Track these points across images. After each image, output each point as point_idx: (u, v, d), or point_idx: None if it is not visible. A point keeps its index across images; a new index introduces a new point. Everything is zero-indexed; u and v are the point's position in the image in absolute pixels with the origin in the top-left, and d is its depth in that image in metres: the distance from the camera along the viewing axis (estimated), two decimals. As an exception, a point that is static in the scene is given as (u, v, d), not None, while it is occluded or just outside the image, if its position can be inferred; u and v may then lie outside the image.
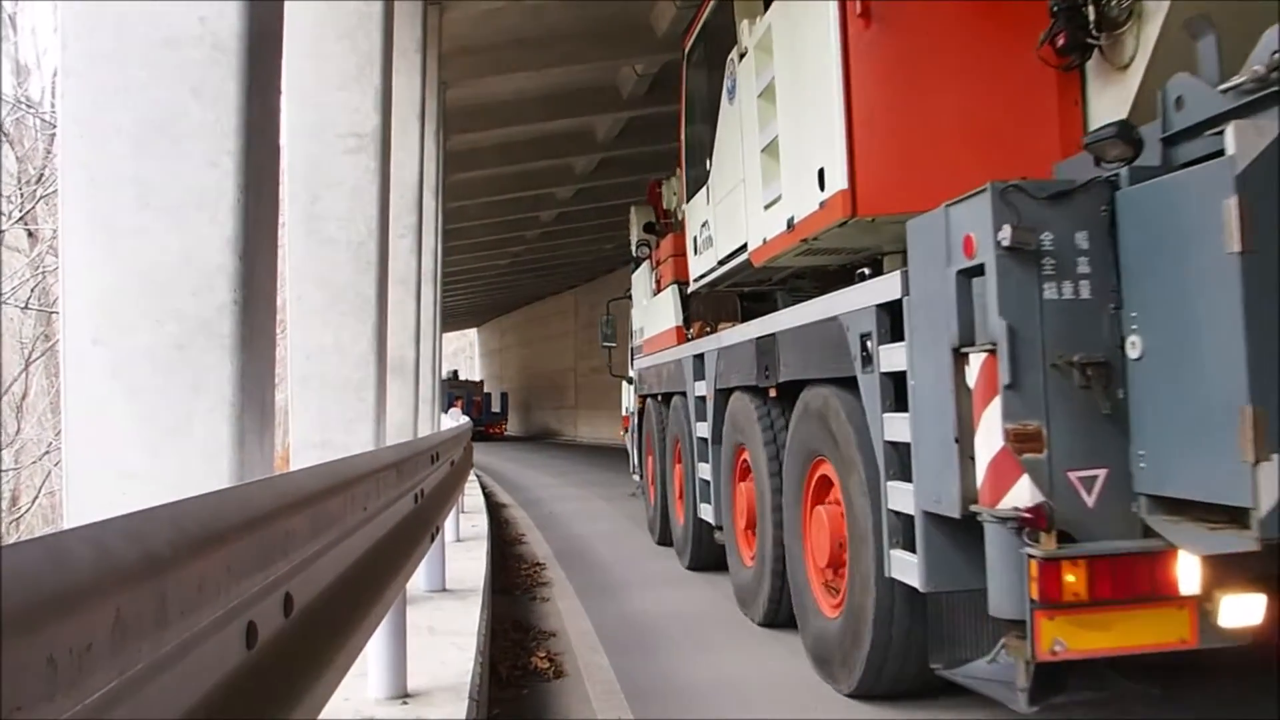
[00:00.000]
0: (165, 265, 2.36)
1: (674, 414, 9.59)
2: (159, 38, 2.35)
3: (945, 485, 3.94)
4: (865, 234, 5.22)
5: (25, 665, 0.78)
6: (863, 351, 4.69)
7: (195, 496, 1.34)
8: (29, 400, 21.80)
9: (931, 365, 4.05)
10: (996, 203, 3.64)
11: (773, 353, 6.10)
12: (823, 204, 5.12)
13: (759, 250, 6.43)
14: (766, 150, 6.19)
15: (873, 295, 4.66)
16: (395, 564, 3.08)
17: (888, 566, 4.53)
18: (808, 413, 5.59)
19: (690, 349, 8.62)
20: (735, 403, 7.16)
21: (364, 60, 5.03)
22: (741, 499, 7.18)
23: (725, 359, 7.39)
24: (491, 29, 14.06)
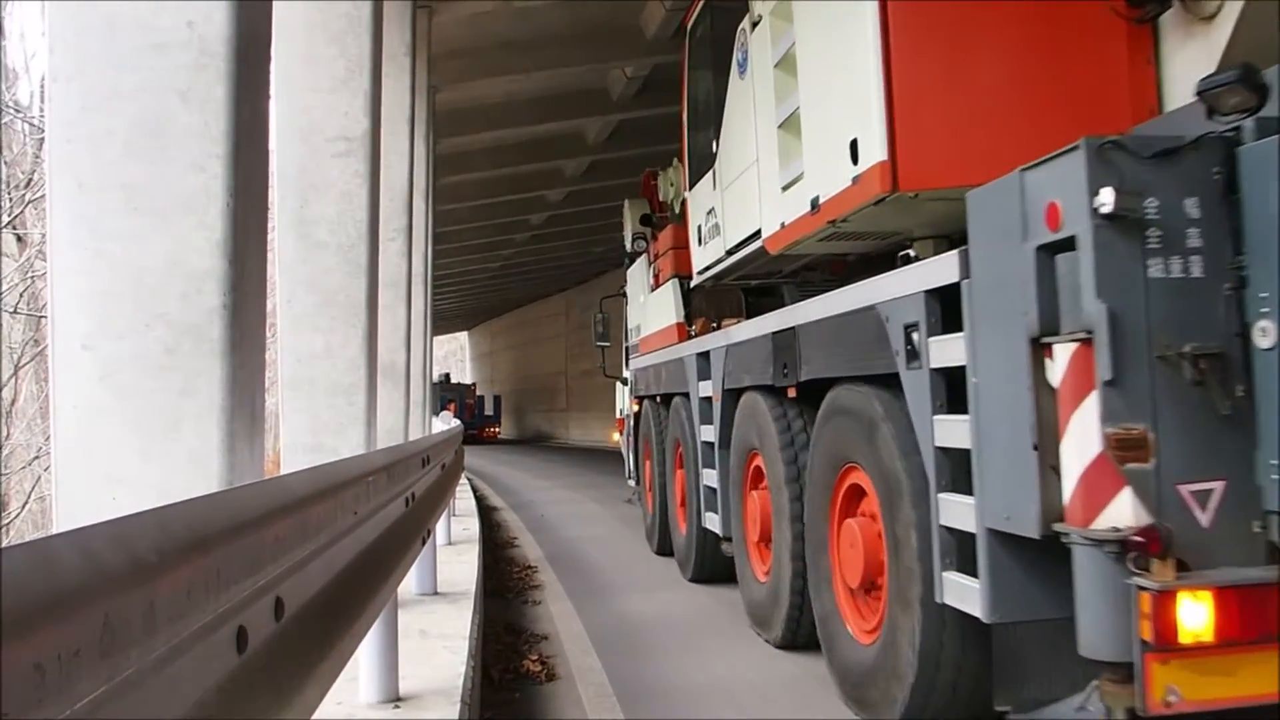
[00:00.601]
0: (154, 269, 2.36)
1: (674, 416, 9.04)
2: (147, 42, 2.35)
3: (1019, 500, 3.38)
4: (903, 214, 4.68)
5: (13, 671, 0.78)
6: (907, 345, 4.11)
7: (183, 501, 1.33)
8: (18, 405, 21.73)
9: (1001, 359, 3.48)
10: (1092, 162, 3.09)
11: (793, 349, 5.51)
12: (856, 180, 4.55)
13: (775, 236, 5.84)
14: (785, 126, 5.62)
15: (921, 280, 4.06)
16: (386, 567, 3.08)
17: (939, 591, 3.94)
18: (835, 415, 5.02)
19: (694, 347, 8.06)
20: (747, 404, 6.65)
21: (353, 64, 5.03)
22: (754, 509, 6.62)
23: (735, 357, 6.82)
24: (480, 32, 14.06)
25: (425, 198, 12.26)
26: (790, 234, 5.58)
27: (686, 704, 5.22)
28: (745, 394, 6.67)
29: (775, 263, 6.64)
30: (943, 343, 3.91)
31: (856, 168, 4.54)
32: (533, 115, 17.89)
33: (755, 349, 6.26)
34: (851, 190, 4.62)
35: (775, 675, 5.67)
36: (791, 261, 6.56)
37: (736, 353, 6.77)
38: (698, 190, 8.04)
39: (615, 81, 17.07)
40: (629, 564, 9.89)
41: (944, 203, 4.35)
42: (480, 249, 31.23)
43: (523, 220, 27.56)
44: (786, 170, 5.58)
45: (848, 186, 4.64)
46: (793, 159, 5.49)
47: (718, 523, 7.47)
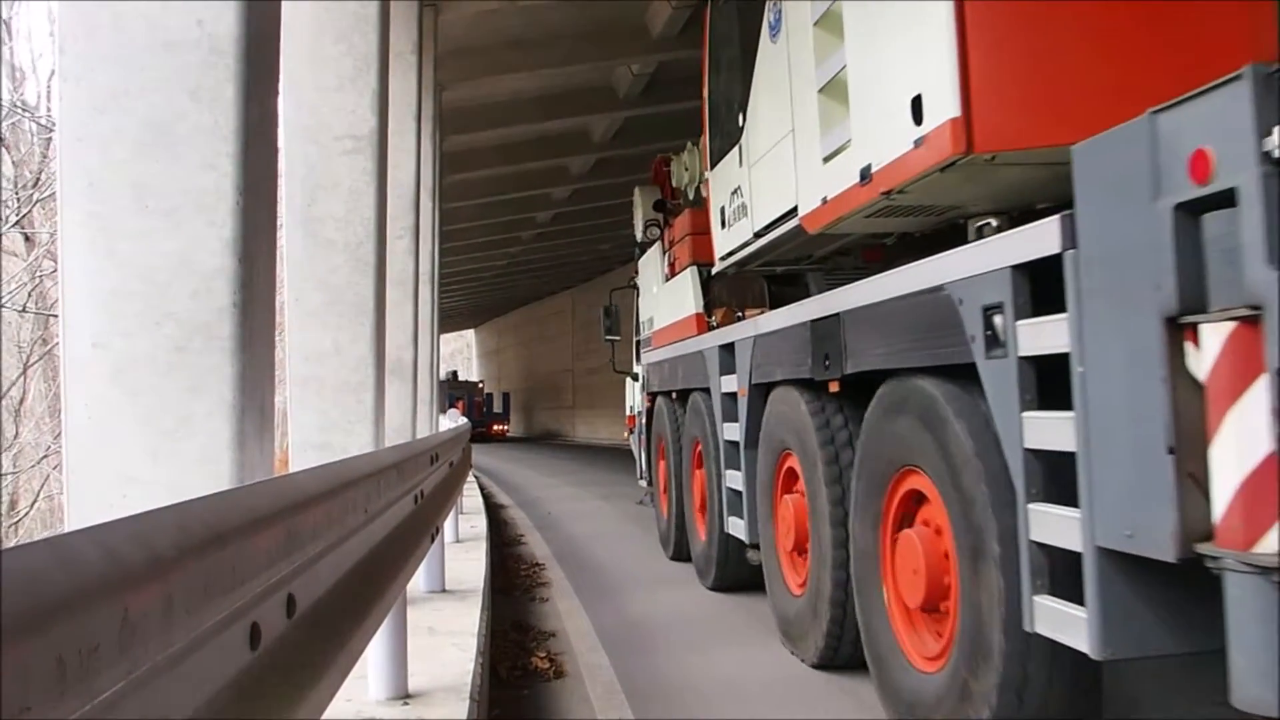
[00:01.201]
0: (164, 268, 2.36)
1: (693, 413, 8.44)
2: (157, 41, 2.36)
3: (1147, 515, 2.83)
4: (971, 182, 4.12)
5: (34, 665, 0.79)
6: (987, 330, 3.54)
7: (199, 498, 1.34)
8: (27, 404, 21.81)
9: (1121, 344, 2.90)
10: (1260, 95, 2.50)
11: (836, 338, 4.92)
12: (919, 142, 4.00)
13: (815, 213, 5.28)
14: (827, 90, 5.07)
15: (1007, 253, 3.47)
16: (396, 565, 3.08)
17: (1027, 618, 3.37)
18: (890, 412, 4.45)
19: (716, 338, 7.42)
20: (779, 400, 6.09)
21: (361, 62, 5.04)
22: (787, 515, 6.02)
23: (765, 348, 6.22)
24: (487, 30, 14.07)
25: (432, 195, 12.28)
26: (834, 210, 5.04)
27: (696, 702, 5.22)
28: (777, 389, 6.14)
29: (807, 246, 6.20)
30: (1035, 326, 3.34)
31: (920, 128, 4.00)
32: (539, 113, 17.90)
33: (790, 340, 5.70)
34: (913, 155, 4.07)
35: (785, 673, 5.67)
36: (827, 244, 6.05)
37: (766, 344, 6.21)
38: (721, 169, 7.50)
39: (621, 79, 17.08)
40: (636, 561, 9.89)
41: (1021, 169, 3.87)
42: (487, 246, 31.27)
43: (529, 218, 27.58)
44: (829, 139, 5.06)
45: (908, 151, 4.10)
46: (836, 125, 4.98)
47: (743, 528, 6.93)
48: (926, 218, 4.84)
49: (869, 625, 4.75)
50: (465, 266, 34.55)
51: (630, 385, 13.65)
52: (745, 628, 6.76)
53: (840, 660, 5.46)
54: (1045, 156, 3.65)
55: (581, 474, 22.67)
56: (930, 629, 4.30)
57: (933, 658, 4.21)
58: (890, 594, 4.56)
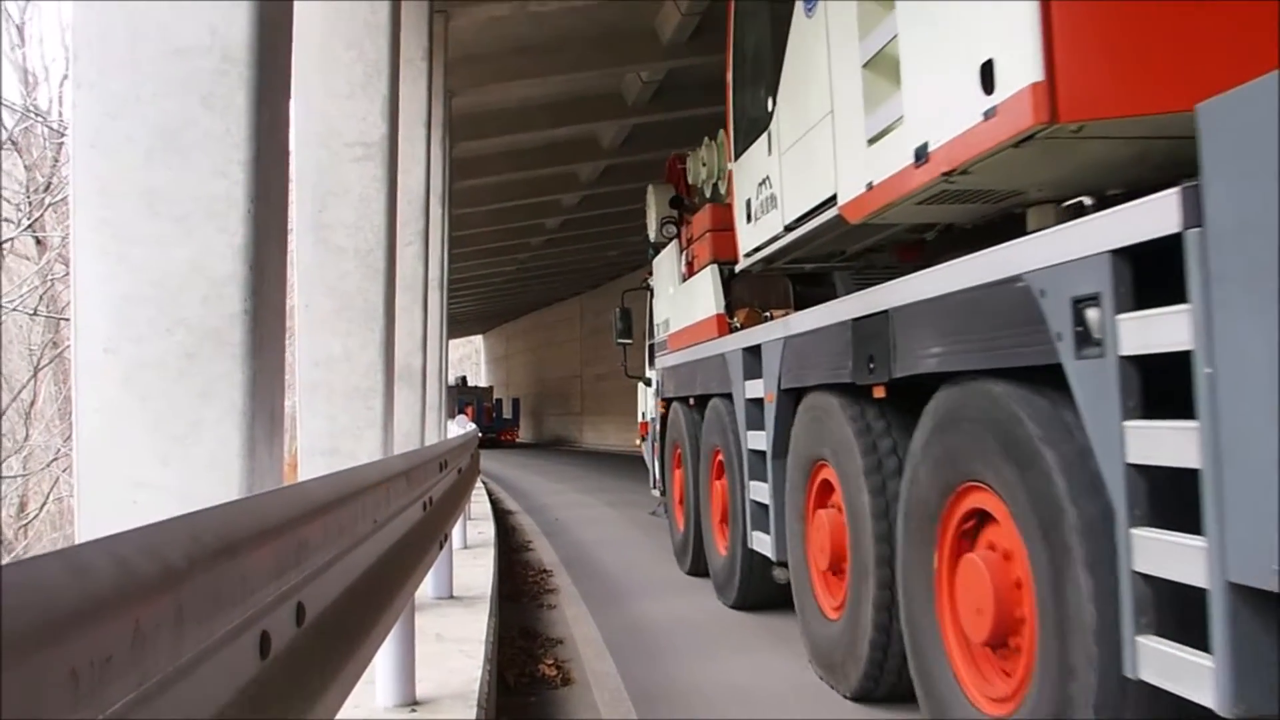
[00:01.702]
0: (176, 274, 2.37)
1: (712, 420, 7.93)
2: (169, 48, 2.36)
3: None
4: (1045, 160, 3.67)
5: (48, 677, 0.79)
6: (1077, 326, 3.05)
7: (210, 508, 1.34)
8: (37, 407, 21.87)
9: (1262, 339, 2.43)
10: None
11: (883, 338, 4.45)
12: (991, 113, 3.55)
13: (858, 201, 4.84)
14: (873, 64, 4.66)
15: (1104, 236, 2.95)
16: (405, 572, 3.08)
17: (1130, 662, 2.88)
18: (950, 420, 3.94)
19: (739, 340, 6.98)
20: (812, 406, 5.59)
21: (371, 69, 5.05)
22: (821, 531, 5.50)
23: (797, 351, 5.74)
24: (496, 36, 14.11)
25: (442, 201, 12.30)
26: (881, 196, 4.59)
27: (703, 709, 5.21)
28: (810, 394, 5.66)
29: (842, 240, 5.80)
30: (1143, 321, 2.84)
31: (991, 98, 3.56)
32: (548, 119, 17.94)
33: (826, 340, 5.21)
34: (982, 129, 3.63)
35: (793, 680, 5.65)
36: (866, 237, 5.62)
37: (799, 346, 5.72)
38: (747, 160, 7.04)
39: (630, 85, 17.11)
40: (643, 568, 9.89)
41: (1106, 144, 3.43)
42: (496, 253, 31.34)
43: (538, 224, 27.64)
44: (875, 118, 4.64)
45: (976, 124, 3.66)
46: (884, 103, 4.56)
47: (769, 544, 6.42)
48: (983, 205, 4.42)
49: (922, 659, 4.24)
50: (474, 272, 34.64)
51: (642, 390, 13.24)
52: (753, 636, 6.75)
53: (882, 692, 4.99)
54: (1137, 129, 3.27)
55: (589, 480, 22.67)
56: (998, 667, 3.78)
57: (1001, 700, 3.70)
58: (948, 626, 4.02)
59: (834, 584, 5.50)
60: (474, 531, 10.29)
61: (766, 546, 6.49)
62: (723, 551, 7.85)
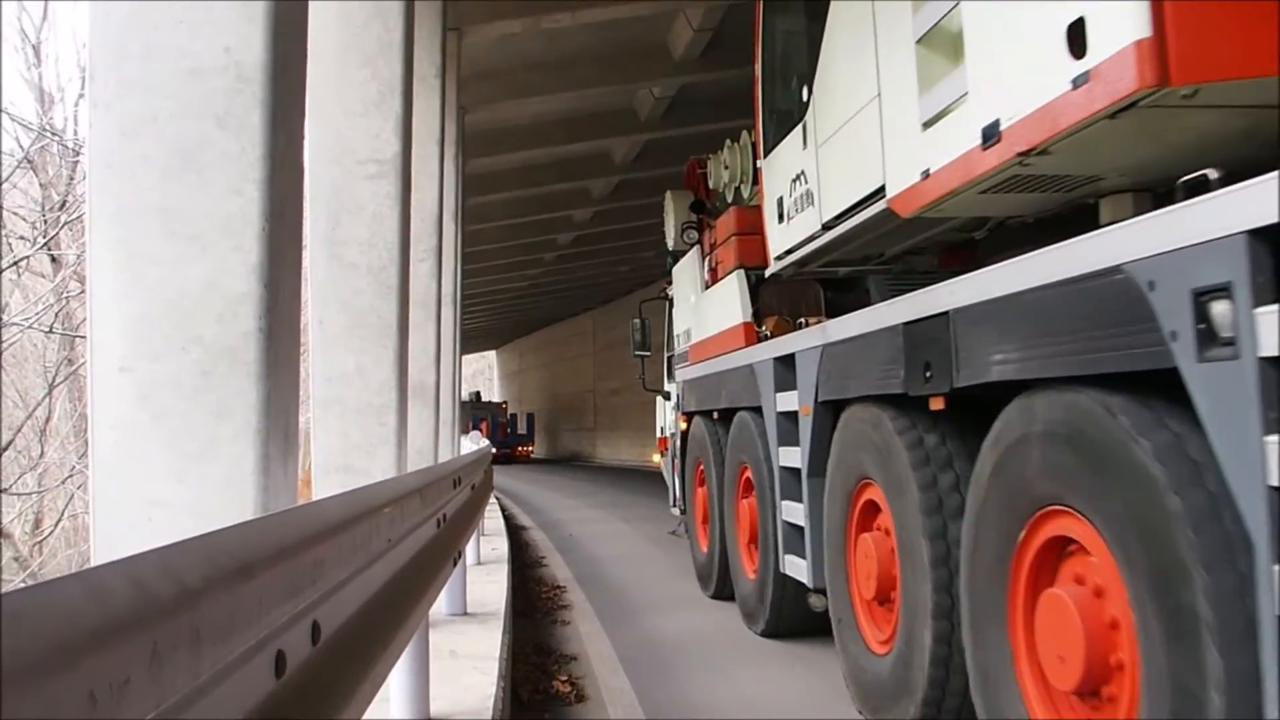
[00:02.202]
0: (191, 292, 2.38)
1: (739, 435, 7.41)
2: (185, 68, 2.38)
3: None
4: (1145, 135, 3.24)
5: (67, 700, 0.79)
6: (1199, 323, 2.56)
7: (226, 528, 1.34)
8: (52, 424, 21.96)
9: None
10: None
11: (942, 342, 3.91)
12: (1082, 80, 3.12)
13: (912, 192, 4.48)
14: (928, 39, 4.29)
15: (1239, 215, 2.44)
16: (419, 589, 3.08)
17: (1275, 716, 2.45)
18: (1030, 435, 3.37)
19: (770, 350, 6.45)
20: (855, 420, 5.05)
21: (385, 87, 5.08)
22: (866, 556, 4.94)
23: (837, 359, 5.20)
24: (509, 54, 14.18)
25: (455, 218, 12.33)
26: (939, 184, 4.20)
27: (717, 726, 5.19)
28: (852, 407, 5.11)
29: (886, 240, 5.47)
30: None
31: (1083, 62, 3.15)
32: (560, 135, 18.00)
33: (872, 348, 4.69)
34: (1071, 99, 3.22)
35: (807, 697, 5.63)
36: (914, 234, 5.26)
37: (839, 354, 5.17)
38: (778, 156, 6.64)
39: (643, 101, 17.16)
40: (656, 583, 9.86)
41: (1219, 114, 3.03)
42: (508, 268, 31.43)
43: (550, 240, 27.71)
44: (931, 98, 4.26)
45: (1063, 94, 3.26)
46: (942, 81, 4.19)
47: (805, 570, 5.89)
48: (1052, 194, 4.02)
49: (992, 706, 3.68)
50: (487, 288, 34.72)
51: (661, 404, 12.77)
52: (768, 651, 6.72)
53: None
54: (1259, 94, 2.87)
55: (602, 495, 22.65)
56: (1087, 713, 3.26)
57: None
58: (1025, 670, 3.50)
59: (881, 615, 4.94)
60: (487, 547, 10.28)
61: (801, 572, 5.96)
62: (751, 575, 7.33)
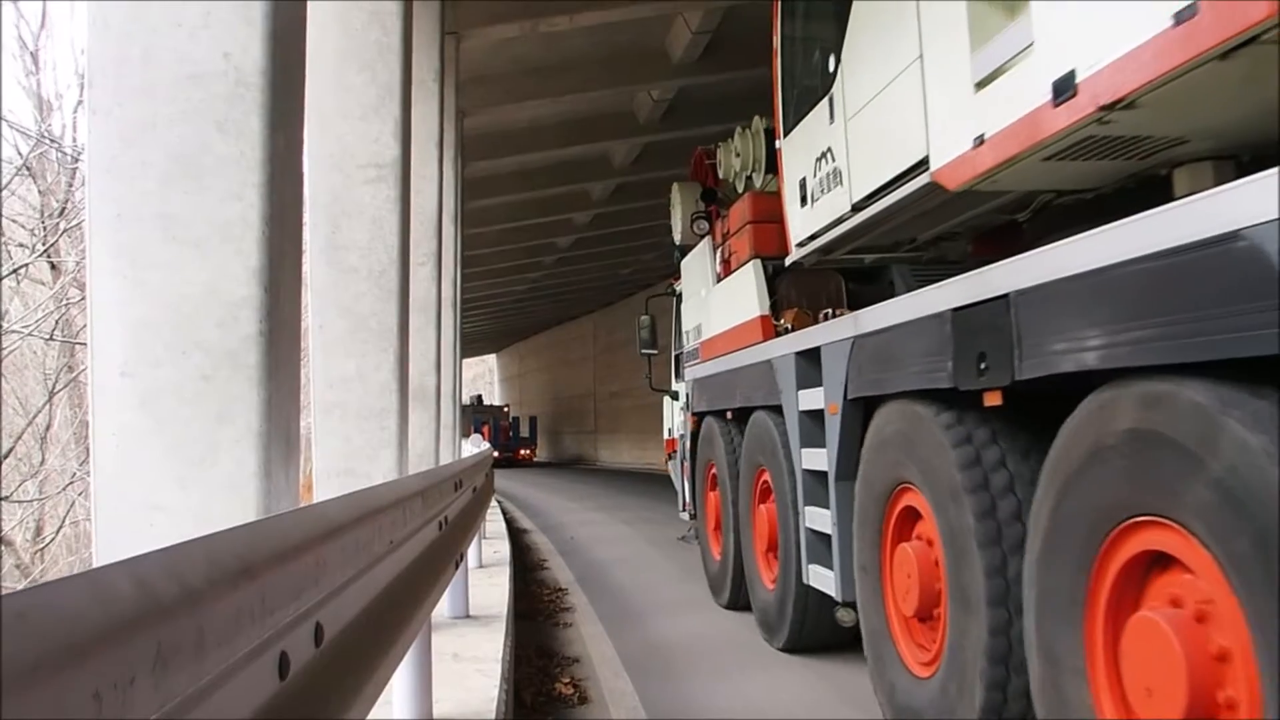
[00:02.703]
0: (192, 297, 2.38)
1: (755, 437, 7.01)
2: (184, 73, 2.39)
3: None
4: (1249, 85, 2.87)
5: (72, 700, 0.80)
6: None
7: (229, 529, 1.35)
8: (53, 431, 21.97)
9: None
10: None
11: (1001, 329, 3.42)
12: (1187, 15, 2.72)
13: (962, 162, 4.05)
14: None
15: None
16: (421, 592, 3.09)
17: None
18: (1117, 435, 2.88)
19: (791, 343, 6.05)
20: (892, 418, 4.57)
21: (384, 91, 5.08)
22: (905, 569, 4.43)
23: (871, 352, 4.73)
24: (508, 57, 14.19)
25: (454, 221, 12.34)
26: (998, 151, 3.78)
27: (720, 727, 5.19)
28: (888, 404, 4.63)
29: (918, 223, 5.12)
30: None
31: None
32: (559, 139, 18.01)
33: (913, 338, 4.21)
34: (1169, 39, 2.81)
35: (810, 698, 5.63)
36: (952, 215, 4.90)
37: (874, 346, 4.69)
38: (801, 133, 6.22)
39: (642, 104, 17.17)
40: (658, 586, 9.86)
41: None
42: (508, 272, 31.44)
43: (550, 243, 27.72)
44: (986, 54, 3.85)
45: (1159, 35, 2.84)
46: (999, 35, 3.79)
47: (832, 582, 5.44)
48: (1127, 161, 3.64)
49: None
50: (487, 292, 34.73)
51: (669, 405, 12.23)
52: (770, 652, 6.72)
53: None
54: None
55: (604, 498, 22.64)
56: None
57: None
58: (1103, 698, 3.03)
59: (923, 633, 4.44)
60: (489, 550, 10.28)
61: (828, 584, 5.50)
62: (770, 586, 6.89)
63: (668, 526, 14.61)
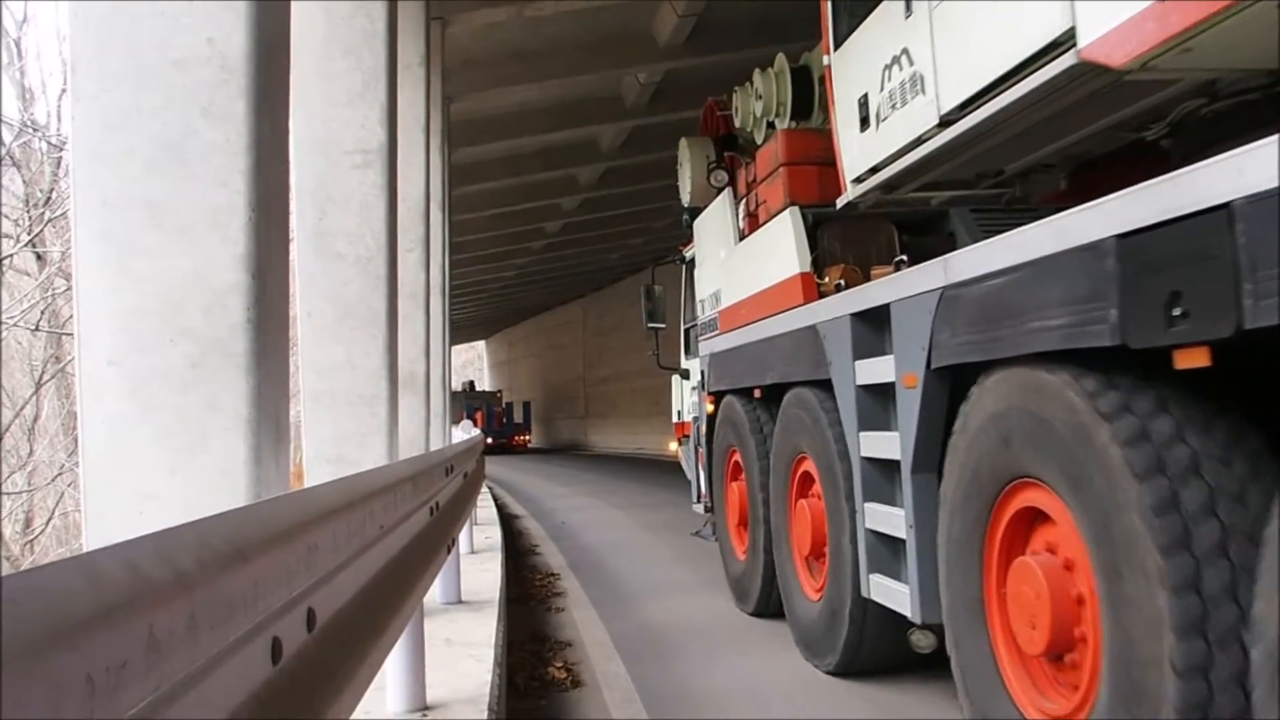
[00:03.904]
0: (178, 285, 2.37)
1: (794, 417, 5.96)
2: (168, 59, 2.37)
3: None
4: None
5: (65, 682, 0.80)
6: None
7: (220, 514, 1.35)
8: (41, 422, 21.90)
9: None
10: None
11: (1211, 260, 2.45)
12: None
13: (1140, 24, 3.01)
14: None
15: None
16: (413, 576, 3.09)
17: None
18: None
19: (845, 304, 4.99)
20: (1006, 390, 3.50)
21: (369, 77, 5.06)
22: (1030, 590, 3.36)
23: (968, 305, 3.69)
24: (493, 42, 14.14)
25: (442, 208, 12.31)
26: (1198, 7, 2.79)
27: (713, 709, 5.21)
28: (996, 372, 3.57)
29: (1011, 149, 4.33)
30: None
31: None
32: (546, 123, 17.95)
33: (1045, 280, 3.18)
34: None
35: (802, 681, 5.65)
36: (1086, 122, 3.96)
37: (975, 297, 3.64)
38: (860, 42, 5.18)
39: (629, 88, 17.13)
40: (650, 569, 9.88)
41: None
42: (496, 258, 31.38)
43: (538, 229, 27.66)
44: None
45: None
46: None
47: (906, 598, 4.41)
48: None
49: None
50: (475, 278, 34.67)
51: (678, 384, 11.14)
52: (761, 635, 6.74)
53: None
54: None
55: (595, 484, 22.67)
56: None
57: None
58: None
59: (1055, 675, 3.44)
60: (481, 536, 10.30)
61: (900, 601, 4.51)
62: (813, 597, 5.86)
63: (659, 511, 14.65)
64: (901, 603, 4.50)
